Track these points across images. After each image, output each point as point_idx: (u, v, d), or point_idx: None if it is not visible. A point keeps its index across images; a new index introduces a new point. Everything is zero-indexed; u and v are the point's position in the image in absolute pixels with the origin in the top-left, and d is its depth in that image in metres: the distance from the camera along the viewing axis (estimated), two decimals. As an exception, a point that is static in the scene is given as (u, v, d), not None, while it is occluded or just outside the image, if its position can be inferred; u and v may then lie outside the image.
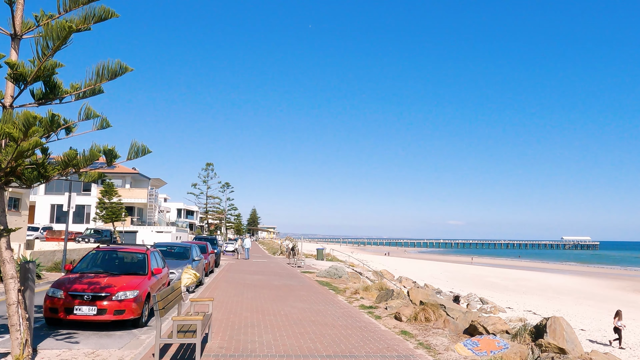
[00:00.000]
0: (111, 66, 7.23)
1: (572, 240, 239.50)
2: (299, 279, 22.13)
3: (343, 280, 22.11)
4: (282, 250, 58.80)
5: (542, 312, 32.25)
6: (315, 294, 16.16)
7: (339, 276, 23.00)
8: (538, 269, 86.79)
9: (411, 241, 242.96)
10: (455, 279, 60.13)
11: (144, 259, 11.30)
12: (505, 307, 32.83)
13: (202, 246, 24.47)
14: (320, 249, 44.25)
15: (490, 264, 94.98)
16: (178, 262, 16.13)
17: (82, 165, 7.18)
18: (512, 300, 38.63)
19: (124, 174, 63.61)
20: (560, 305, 36.85)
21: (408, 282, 38.48)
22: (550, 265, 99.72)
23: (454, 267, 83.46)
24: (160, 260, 12.54)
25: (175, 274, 15.34)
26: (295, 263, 32.80)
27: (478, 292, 46.04)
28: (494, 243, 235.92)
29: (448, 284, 51.97)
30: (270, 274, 25.53)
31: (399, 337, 9.51)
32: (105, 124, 7.70)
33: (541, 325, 8.34)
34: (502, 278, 64.05)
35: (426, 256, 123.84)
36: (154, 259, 11.65)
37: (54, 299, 9.48)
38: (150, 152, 7.60)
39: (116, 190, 46.72)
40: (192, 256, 17.30)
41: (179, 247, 17.98)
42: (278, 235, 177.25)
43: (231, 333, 9.47)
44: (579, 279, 65.46)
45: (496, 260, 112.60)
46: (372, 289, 15.91)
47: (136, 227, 59.80)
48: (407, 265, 78.13)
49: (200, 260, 18.03)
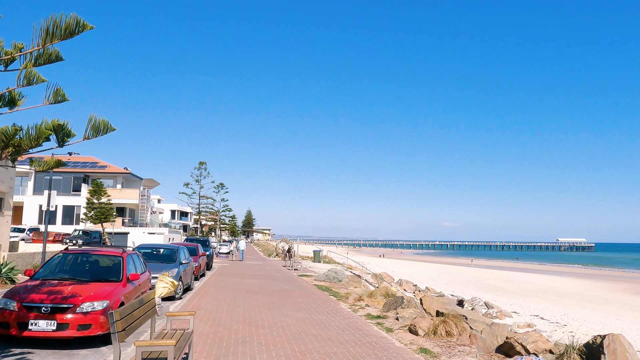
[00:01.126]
0: (65, 21, 5.67)
1: (567, 241, 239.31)
2: (296, 283, 20.55)
3: (343, 285, 20.55)
4: (277, 253, 57.25)
5: (548, 316, 30.85)
6: (315, 300, 14.60)
7: (338, 280, 21.44)
8: (536, 271, 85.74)
9: (406, 243, 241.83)
10: (454, 282, 58.83)
11: (119, 263, 9.71)
12: (511, 312, 31.42)
13: (192, 248, 22.85)
14: (317, 251, 42.66)
15: (488, 266, 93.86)
16: (163, 266, 14.53)
17: (26, 145, 5.57)
18: (516, 304, 37.22)
19: (115, 174, 61.93)
20: (565, 309, 35.49)
21: (409, 286, 37.00)
22: (548, 267, 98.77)
23: (452, 269, 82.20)
24: (140, 264, 10.97)
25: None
26: (292, 266, 31.23)
27: (479, 295, 44.73)
28: (489, 245, 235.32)
29: (448, 287, 50.64)
30: (266, 277, 23.96)
31: (420, 356, 7.96)
32: (61, 96, 6.08)
33: (594, 344, 6.80)
34: (501, 280, 62.90)
35: (422, 258, 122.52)
36: (131, 263, 10.05)
37: (4, 311, 7.85)
38: (114, 129, 5.99)
39: (105, 190, 44.95)
40: (180, 259, 15.68)
41: (165, 249, 16.33)
42: (273, 237, 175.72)
43: (217, 353, 7.88)
44: (578, 282, 64.40)
45: (494, 262, 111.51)
46: (376, 295, 14.35)
47: (127, 228, 58.12)
48: (404, 267, 76.75)
49: (188, 263, 16.41)
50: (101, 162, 65.68)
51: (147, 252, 15.83)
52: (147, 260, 15.25)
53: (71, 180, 60.65)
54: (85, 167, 62.00)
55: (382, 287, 18.39)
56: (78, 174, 60.34)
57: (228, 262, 39.62)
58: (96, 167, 62.80)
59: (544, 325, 26.68)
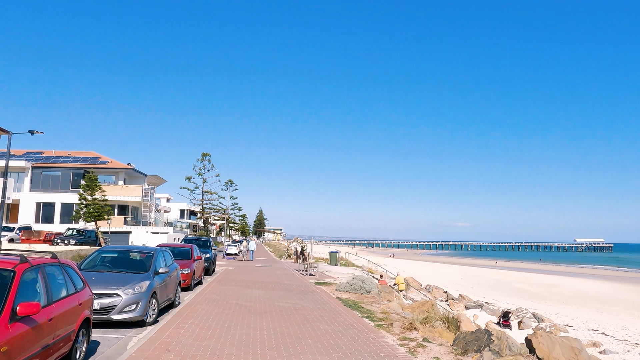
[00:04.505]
0: None
1: (585, 242, 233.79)
2: (314, 297, 16.21)
3: (373, 297, 16.18)
4: (289, 254, 53.00)
5: (610, 331, 26.30)
6: (345, 328, 10.19)
7: (366, 290, 17.08)
8: (560, 272, 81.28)
9: (419, 243, 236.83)
10: (479, 285, 54.57)
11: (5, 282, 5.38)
12: (564, 325, 26.91)
13: (183, 250, 18.56)
14: (334, 252, 38.29)
15: (510, 268, 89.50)
16: (128, 278, 10.28)
17: None
18: (562, 313, 32.71)
19: (117, 170, 58.21)
20: (620, 321, 30.95)
21: (439, 292, 32.55)
22: (570, 268, 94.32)
23: (472, 270, 77.84)
24: (71, 281, 6.77)
25: (116, 299, 9.52)
26: (307, 270, 26.90)
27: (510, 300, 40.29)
28: (504, 245, 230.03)
29: (475, 291, 46.42)
30: (276, 286, 19.65)
31: None
32: None
33: None
34: (529, 284, 58.54)
35: (437, 259, 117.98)
36: (39, 281, 5.78)
37: None
38: None
39: (99, 185, 40.90)
40: (155, 267, 11.20)
41: (136, 254, 11.92)
42: (285, 237, 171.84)
43: None
44: (610, 285, 60.03)
45: (514, 263, 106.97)
46: (432, 320, 9.98)
47: (130, 227, 54.38)
48: (422, 269, 72.49)
49: (169, 272, 12.13)
50: (102, 157, 62.10)
51: (111, 257, 11.54)
52: (106, 269, 11.00)
53: (70, 176, 57.09)
54: (85, 163, 58.27)
55: (428, 303, 13.99)
56: (77, 169, 56.68)
57: (235, 264, 35.39)
58: (97, 163, 59.12)
59: (610, 344, 22.18)
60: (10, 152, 68.15)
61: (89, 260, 11.54)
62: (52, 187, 57.16)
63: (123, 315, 9.62)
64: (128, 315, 9.68)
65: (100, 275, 10.46)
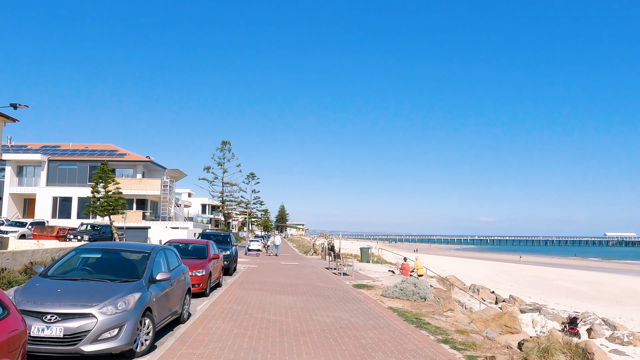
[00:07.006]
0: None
1: (616, 236, 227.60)
2: (358, 305, 13.00)
3: (432, 306, 12.92)
4: (315, 250, 49.87)
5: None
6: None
7: (420, 297, 13.82)
8: (598, 268, 76.71)
9: (443, 238, 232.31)
10: (518, 283, 50.76)
11: None
12: (636, 332, 23.29)
13: (198, 248, 15.51)
14: (365, 248, 35.09)
15: (541, 263, 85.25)
16: (110, 288, 7.15)
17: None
18: (626, 317, 29.06)
19: (135, 162, 55.90)
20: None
21: (486, 293, 29.04)
22: (607, 264, 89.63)
23: (505, 267, 73.89)
24: None
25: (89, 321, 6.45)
26: (339, 269, 23.72)
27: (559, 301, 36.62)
28: (531, 240, 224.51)
29: (514, 289, 42.72)
30: (308, 290, 16.53)
31: None
32: None
33: None
34: (571, 281, 54.52)
35: (463, 254, 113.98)
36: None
37: None
38: None
39: (113, 177, 38.27)
40: (152, 272, 8.13)
41: (125, 256, 8.64)
42: (307, 232, 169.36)
43: None
44: (659, 282, 55.75)
45: (543, 258, 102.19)
46: (552, 350, 6.71)
47: (148, 222, 52.09)
48: (450, 264, 68.79)
49: (171, 280, 8.78)
50: (120, 149, 60.00)
51: (96, 258, 8.39)
52: (84, 275, 7.90)
53: (87, 169, 55.00)
54: (102, 155, 56.03)
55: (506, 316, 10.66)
56: (94, 162, 54.40)
57: (259, 260, 32.48)
58: (114, 155, 56.98)
59: None
60: (27, 146, 66.05)
61: (62, 263, 8.31)
62: (68, 181, 55.21)
63: (99, 345, 6.64)
64: (107, 344, 6.69)
65: (69, 285, 7.40)
